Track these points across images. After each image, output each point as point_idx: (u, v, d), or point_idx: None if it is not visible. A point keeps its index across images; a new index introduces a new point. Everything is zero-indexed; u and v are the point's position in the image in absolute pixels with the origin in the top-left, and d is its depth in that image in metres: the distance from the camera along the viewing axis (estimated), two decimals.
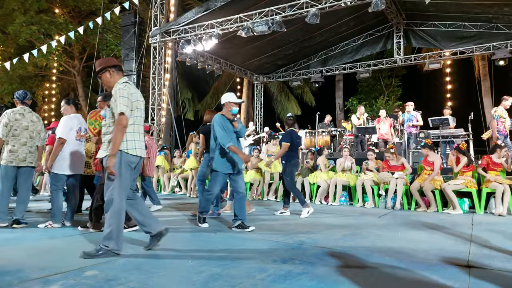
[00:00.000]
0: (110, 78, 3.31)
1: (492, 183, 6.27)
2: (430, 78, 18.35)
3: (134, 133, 3.23)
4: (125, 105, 3.12)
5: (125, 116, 3.11)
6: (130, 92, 3.19)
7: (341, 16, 12.41)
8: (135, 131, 3.25)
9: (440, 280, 2.57)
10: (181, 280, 2.51)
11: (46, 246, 3.34)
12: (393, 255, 3.25)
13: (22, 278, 2.48)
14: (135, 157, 3.21)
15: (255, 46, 13.51)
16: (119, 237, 3.12)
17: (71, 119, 4.75)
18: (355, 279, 2.57)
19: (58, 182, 4.62)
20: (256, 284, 2.44)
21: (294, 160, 5.95)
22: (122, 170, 3.14)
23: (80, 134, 4.84)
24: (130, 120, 3.19)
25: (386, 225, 5.03)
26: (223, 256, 3.17)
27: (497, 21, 11.81)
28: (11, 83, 18.67)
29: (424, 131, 9.26)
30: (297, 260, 3.04)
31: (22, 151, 4.57)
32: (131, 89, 3.23)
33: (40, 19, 16.95)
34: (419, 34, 13.59)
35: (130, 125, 3.20)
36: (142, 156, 3.30)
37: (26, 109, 4.70)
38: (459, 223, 5.27)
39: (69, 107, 4.86)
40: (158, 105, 12.91)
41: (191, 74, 19.87)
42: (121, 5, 14.11)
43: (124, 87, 3.19)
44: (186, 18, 11.68)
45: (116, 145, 3.10)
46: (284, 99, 20.77)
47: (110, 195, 3.13)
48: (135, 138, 3.23)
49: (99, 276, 2.55)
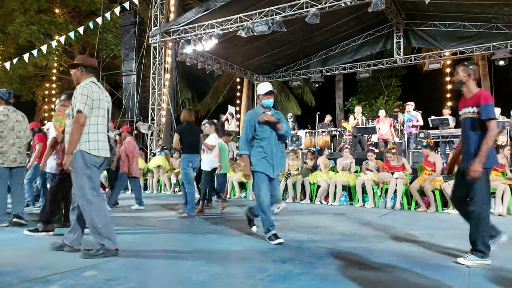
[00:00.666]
0: (79, 76, 3.32)
1: (492, 183, 6.26)
2: (430, 78, 18.34)
3: (98, 133, 3.21)
4: (84, 103, 3.10)
5: (82, 114, 3.08)
6: (91, 91, 3.17)
7: (341, 16, 12.40)
8: (99, 131, 3.22)
9: (440, 280, 2.57)
10: (181, 280, 2.51)
11: (46, 246, 3.34)
12: (393, 255, 3.25)
13: (21, 278, 2.48)
14: (98, 157, 3.19)
15: (255, 46, 13.50)
16: (109, 232, 3.10)
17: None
18: (355, 279, 2.57)
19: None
20: (256, 284, 2.43)
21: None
22: (88, 170, 3.13)
23: None
24: (93, 120, 3.17)
25: (386, 225, 5.03)
26: (223, 256, 3.17)
27: (497, 21, 11.80)
28: (11, 83, 18.66)
29: (424, 131, 9.26)
30: (297, 260, 3.04)
31: (12, 152, 4.55)
32: (93, 88, 3.21)
33: (40, 19, 16.97)
34: (419, 34, 13.58)
35: (93, 125, 3.18)
36: (106, 156, 3.28)
37: (10, 108, 4.64)
38: (459, 223, 5.25)
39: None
40: (158, 105, 12.91)
41: (191, 74, 19.86)
42: (121, 5, 14.12)
43: (85, 86, 3.18)
44: (186, 18, 11.67)
45: (73, 143, 3.08)
46: (284, 99, 20.76)
47: (84, 196, 3.10)
48: (99, 138, 3.20)
49: (98, 276, 2.55)
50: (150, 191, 10.47)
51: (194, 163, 5.60)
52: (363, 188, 7.29)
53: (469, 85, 3.19)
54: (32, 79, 20.99)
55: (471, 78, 3.17)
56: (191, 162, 5.56)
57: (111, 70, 17.63)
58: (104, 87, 3.46)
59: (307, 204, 7.71)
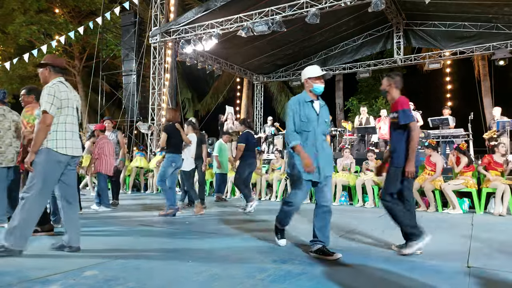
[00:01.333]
0: (46, 76, 3.32)
1: (492, 182, 6.27)
2: (430, 78, 18.34)
3: (66, 132, 3.20)
4: (50, 103, 3.10)
5: (48, 115, 3.09)
6: (59, 91, 3.17)
7: (341, 16, 12.41)
8: (67, 130, 3.22)
9: (440, 280, 2.57)
10: (181, 280, 2.51)
11: (46, 246, 3.34)
12: (393, 255, 3.25)
13: (21, 278, 2.48)
14: (65, 156, 3.18)
15: (255, 46, 13.51)
16: (23, 234, 3.05)
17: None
18: (355, 280, 2.57)
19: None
20: (256, 284, 2.43)
21: (249, 160, 6.30)
22: (47, 168, 3.11)
23: None
24: (61, 119, 3.18)
25: (386, 225, 5.02)
26: (223, 256, 3.16)
27: (497, 21, 11.80)
28: (11, 83, 18.66)
29: (424, 131, 9.26)
30: (297, 260, 3.04)
31: (9, 151, 4.54)
32: (61, 87, 3.21)
33: (40, 19, 16.96)
34: (419, 34, 13.59)
35: (61, 124, 3.19)
36: (75, 155, 3.26)
37: (5, 109, 4.63)
38: (459, 223, 5.26)
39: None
40: (158, 105, 12.91)
41: (191, 74, 19.87)
42: (121, 5, 14.12)
43: (52, 86, 3.18)
44: (186, 18, 11.68)
45: (37, 143, 3.08)
46: (284, 99, 20.74)
47: (29, 190, 3.07)
48: (66, 137, 3.20)
49: (98, 276, 2.55)
50: (150, 191, 10.48)
51: (177, 163, 5.66)
52: (363, 188, 7.29)
53: (392, 93, 3.48)
54: (32, 79, 20.95)
55: (393, 87, 3.47)
56: (174, 162, 5.60)
57: (111, 70, 17.63)
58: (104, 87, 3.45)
59: (307, 204, 7.70)
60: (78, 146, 3.34)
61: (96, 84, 16.98)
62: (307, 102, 3.30)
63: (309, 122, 3.24)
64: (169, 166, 5.56)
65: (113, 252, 3.25)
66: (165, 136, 5.54)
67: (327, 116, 3.44)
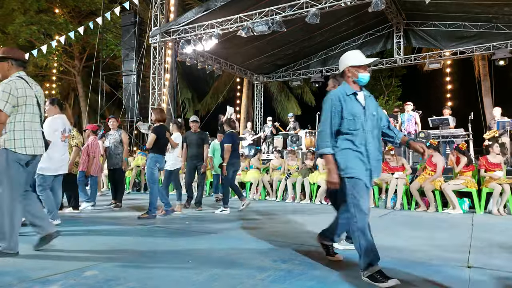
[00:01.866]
0: (6, 69, 3.20)
1: (491, 182, 6.28)
2: (430, 78, 18.34)
3: (24, 130, 3.13)
4: (4, 100, 3.00)
5: (2, 113, 2.99)
6: (15, 87, 3.06)
7: (341, 16, 12.40)
8: (26, 129, 3.14)
9: (440, 280, 2.57)
10: (181, 280, 2.51)
11: (45, 246, 3.34)
12: (393, 255, 3.25)
13: (21, 278, 2.48)
14: (24, 155, 3.11)
15: (255, 46, 13.50)
16: (12, 236, 3.03)
17: (55, 120, 4.68)
18: (355, 280, 2.57)
19: (45, 182, 4.61)
20: (256, 284, 2.44)
21: (233, 160, 6.27)
22: (10, 169, 3.05)
23: (65, 135, 4.78)
24: (18, 117, 3.10)
25: (386, 225, 5.03)
26: (223, 256, 3.16)
27: (497, 21, 11.80)
28: None
29: (424, 131, 9.25)
30: (297, 260, 3.04)
31: None
32: (18, 84, 3.10)
33: (40, 19, 16.95)
34: (419, 34, 13.58)
35: (18, 122, 3.11)
36: (36, 154, 3.20)
37: None
38: (459, 223, 5.26)
39: (54, 107, 4.78)
40: (158, 105, 12.90)
41: (191, 74, 19.86)
42: (121, 5, 14.12)
43: (8, 82, 3.08)
44: (186, 18, 11.67)
45: None
46: (284, 99, 20.76)
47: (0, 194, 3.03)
48: (25, 136, 3.12)
49: (98, 276, 2.55)
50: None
51: (160, 163, 5.67)
52: None
53: None
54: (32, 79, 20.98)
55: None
56: (158, 163, 5.60)
57: (111, 70, 17.63)
58: (104, 87, 3.43)
59: (307, 204, 7.71)
60: (40, 144, 3.24)
61: (96, 84, 16.98)
62: (349, 95, 2.67)
63: (355, 119, 2.62)
64: (154, 167, 5.56)
65: (113, 252, 3.25)
66: (153, 137, 5.48)
67: (375, 108, 2.75)
